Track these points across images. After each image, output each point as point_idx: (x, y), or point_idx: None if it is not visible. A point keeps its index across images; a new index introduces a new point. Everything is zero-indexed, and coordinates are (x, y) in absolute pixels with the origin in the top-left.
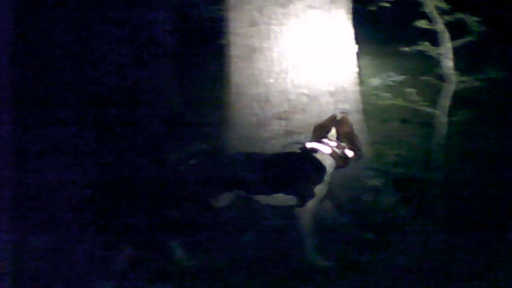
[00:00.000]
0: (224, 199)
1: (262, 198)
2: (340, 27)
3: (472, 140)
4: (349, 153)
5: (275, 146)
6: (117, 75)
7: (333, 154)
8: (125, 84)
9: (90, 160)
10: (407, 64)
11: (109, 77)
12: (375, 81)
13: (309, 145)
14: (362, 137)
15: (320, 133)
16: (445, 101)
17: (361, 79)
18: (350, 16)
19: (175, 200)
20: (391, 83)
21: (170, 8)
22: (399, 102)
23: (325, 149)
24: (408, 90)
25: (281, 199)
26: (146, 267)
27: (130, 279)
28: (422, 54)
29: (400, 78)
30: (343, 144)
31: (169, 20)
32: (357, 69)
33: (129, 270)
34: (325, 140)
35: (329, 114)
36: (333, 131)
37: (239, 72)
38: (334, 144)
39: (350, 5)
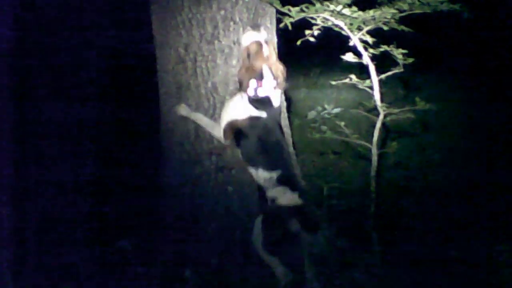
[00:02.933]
0: None
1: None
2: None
3: (405, 170)
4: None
5: (208, 182)
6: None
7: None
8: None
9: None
10: (343, 96)
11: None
12: (311, 114)
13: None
14: (296, 171)
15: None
16: (375, 134)
17: (298, 112)
18: (275, 50)
19: None
20: (327, 116)
21: (103, 47)
22: (331, 135)
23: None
24: (339, 122)
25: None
26: None
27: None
28: (354, 87)
29: (335, 110)
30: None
31: (103, 58)
32: (285, 104)
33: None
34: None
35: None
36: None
37: (168, 109)
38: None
39: (275, 39)
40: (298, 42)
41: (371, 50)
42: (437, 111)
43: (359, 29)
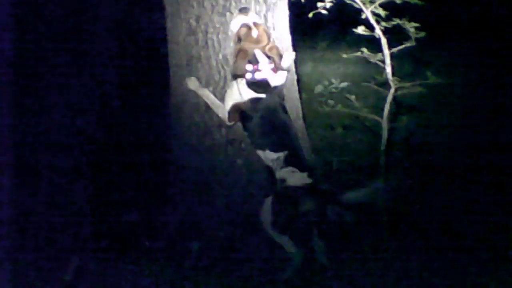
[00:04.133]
0: None
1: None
2: (278, 34)
3: (414, 145)
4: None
5: (218, 155)
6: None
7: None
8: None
9: None
10: (350, 70)
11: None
12: (318, 88)
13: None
14: (305, 144)
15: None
16: (386, 107)
17: (304, 87)
18: (287, 23)
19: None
20: (334, 90)
21: (109, 17)
22: (342, 108)
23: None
24: (350, 96)
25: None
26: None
27: None
28: (364, 61)
29: (342, 84)
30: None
31: (109, 29)
32: (296, 76)
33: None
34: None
35: None
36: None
37: (179, 80)
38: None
39: (288, 12)
40: (310, 15)
41: (383, 23)
42: (448, 86)
43: (372, 1)
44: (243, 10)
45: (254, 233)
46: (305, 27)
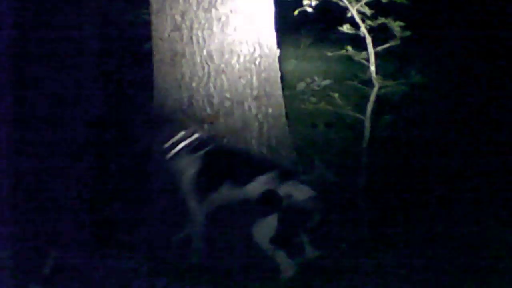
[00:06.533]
0: None
1: None
2: (263, 31)
3: (396, 144)
4: None
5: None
6: (41, 80)
7: None
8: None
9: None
10: (334, 68)
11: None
12: (300, 85)
13: None
14: (287, 141)
15: None
16: (369, 106)
17: (286, 84)
18: (272, 20)
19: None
20: (316, 88)
21: (94, 12)
22: (324, 106)
23: None
24: (333, 94)
25: None
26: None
27: (56, 283)
28: (348, 59)
29: (325, 82)
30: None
31: (93, 24)
32: (280, 74)
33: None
34: None
35: (252, 119)
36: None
37: (162, 76)
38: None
39: (273, 9)
40: (296, 12)
41: (368, 22)
42: (431, 85)
43: (358, 0)
44: None
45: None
46: (289, 24)
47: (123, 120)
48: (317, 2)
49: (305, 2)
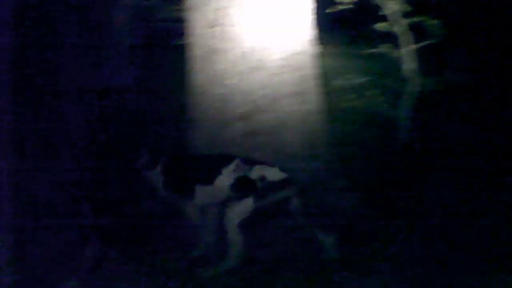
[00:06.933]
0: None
1: None
2: (302, 28)
3: (434, 140)
4: None
5: (237, 148)
6: (76, 77)
7: None
8: (86, 86)
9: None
10: (370, 66)
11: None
12: (337, 83)
13: None
14: (323, 138)
15: None
16: (407, 103)
17: (324, 81)
18: (312, 17)
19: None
20: (353, 85)
21: (131, 9)
22: (361, 103)
23: None
24: (370, 92)
25: None
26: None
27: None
28: (384, 56)
29: (362, 80)
30: None
31: (130, 20)
32: (319, 71)
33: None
34: None
35: (288, 116)
36: None
37: (200, 72)
38: None
39: (312, 6)
40: (332, 9)
41: (405, 20)
42: (468, 83)
43: None
44: None
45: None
46: (326, 21)
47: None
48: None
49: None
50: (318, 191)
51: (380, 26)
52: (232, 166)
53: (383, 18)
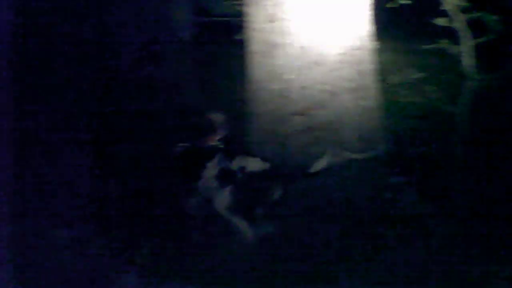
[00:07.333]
0: None
1: None
2: (360, 23)
3: (493, 137)
4: None
5: (295, 143)
6: (133, 70)
7: None
8: (142, 79)
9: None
10: (426, 61)
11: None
12: (395, 78)
13: None
14: (381, 134)
15: None
16: (465, 99)
17: (382, 76)
18: (370, 12)
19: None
20: (410, 81)
21: (189, 2)
22: (419, 99)
23: None
24: (428, 87)
25: None
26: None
27: (151, 273)
28: (441, 52)
29: (419, 75)
30: None
31: (188, 14)
32: (377, 66)
33: (151, 265)
34: None
35: (346, 111)
36: None
37: (259, 67)
38: None
39: (370, 1)
40: (391, 5)
41: (464, 15)
42: None
43: None
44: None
45: (328, 222)
46: (384, 17)
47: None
48: None
49: None
50: (375, 186)
51: (439, 21)
52: (213, 161)
53: (443, 13)
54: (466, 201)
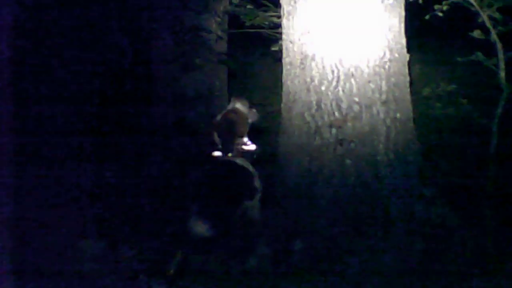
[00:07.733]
0: None
1: None
2: (393, 35)
3: None
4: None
5: (326, 154)
6: (165, 79)
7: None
8: (176, 90)
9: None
10: (462, 74)
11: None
12: (426, 91)
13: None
14: (413, 146)
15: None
16: (498, 112)
17: (416, 88)
18: (402, 24)
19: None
20: (442, 93)
21: (223, 13)
22: (451, 111)
23: None
24: (461, 100)
25: None
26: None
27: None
28: (473, 64)
29: (451, 87)
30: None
31: (222, 25)
32: (408, 78)
33: (180, 273)
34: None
35: (380, 123)
36: None
37: (291, 79)
38: None
39: (403, 13)
40: (427, 17)
41: (499, 28)
42: None
43: (489, 5)
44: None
45: (358, 234)
46: (418, 28)
47: None
48: (448, 7)
49: (436, 7)
50: (406, 199)
51: (475, 33)
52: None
53: (477, 26)
54: (497, 214)
